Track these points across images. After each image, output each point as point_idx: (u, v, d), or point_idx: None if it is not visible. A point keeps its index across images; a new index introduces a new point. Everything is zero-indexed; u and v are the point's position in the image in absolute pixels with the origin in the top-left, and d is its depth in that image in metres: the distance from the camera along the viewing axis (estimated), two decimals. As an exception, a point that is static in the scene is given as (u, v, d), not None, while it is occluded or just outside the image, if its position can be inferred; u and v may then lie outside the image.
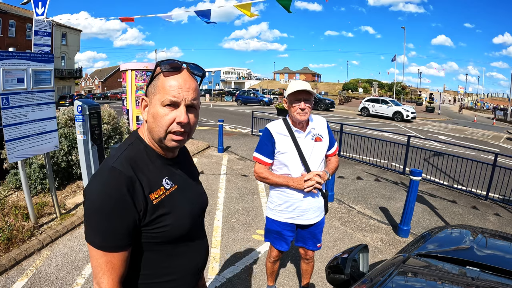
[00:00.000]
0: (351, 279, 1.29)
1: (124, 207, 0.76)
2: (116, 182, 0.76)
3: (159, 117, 0.81)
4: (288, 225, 1.98)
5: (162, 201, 0.83)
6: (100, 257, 0.77)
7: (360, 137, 7.16)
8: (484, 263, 1.26)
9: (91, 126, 4.15)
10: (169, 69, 0.82)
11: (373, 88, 46.12)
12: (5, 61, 2.85)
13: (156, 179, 0.85)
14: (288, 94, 1.83)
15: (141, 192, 0.79)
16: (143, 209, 0.79)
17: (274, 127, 1.92)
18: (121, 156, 0.83)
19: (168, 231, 0.84)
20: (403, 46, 55.71)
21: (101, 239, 0.76)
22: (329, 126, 2.03)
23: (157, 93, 0.82)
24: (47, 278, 2.63)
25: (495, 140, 14.37)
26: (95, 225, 0.76)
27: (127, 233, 0.77)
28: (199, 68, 0.89)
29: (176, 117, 0.81)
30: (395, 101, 22.40)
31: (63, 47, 31.30)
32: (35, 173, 4.30)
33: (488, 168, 5.18)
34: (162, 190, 0.85)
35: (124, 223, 0.76)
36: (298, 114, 1.79)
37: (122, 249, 0.78)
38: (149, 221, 0.81)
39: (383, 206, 4.61)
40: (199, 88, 0.89)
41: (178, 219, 0.86)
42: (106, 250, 0.76)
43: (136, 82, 6.97)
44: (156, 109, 0.82)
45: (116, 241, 0.77)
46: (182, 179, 0.94)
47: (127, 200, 0.76)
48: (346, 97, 38.14)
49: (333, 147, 2.00)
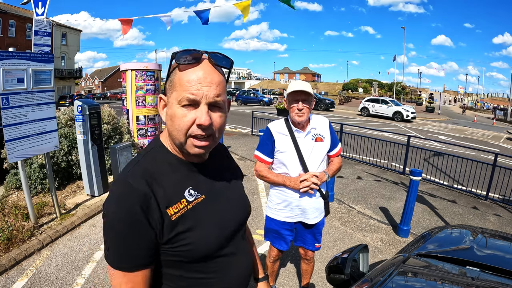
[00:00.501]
0: (351, 279, 1.29)
1: (138, 228, 0.68)
2: (129, 200, 0.68)
3: (176, 119, 0.70)
4: (287, 224, 1.99)
5: (183, 216, 0.72)
6: (119, 278, 0.70)
7: (360, 137, 7.16)
8: (484, 263, 1.26)
9: (91, 126, 4.15)
10: (186, 60, 0.69)
11: (373, 88, 46.13)
12: (5, 61, 2.85)
13: (177, 191, 0.74)
14: (287, 94, 1.84)
15: (157, 208, 0.69)
16: (160, 225, 0.70)
17: (274, 126, 1.94)
18: (136, 167, 0.74)
19: (192, 250, 0.73)
20: (403, 46, 55.69)
21: (119, 259, 0.69)
22: (332, 126, 2.01)
23: (174, 90, 0.71)
24: (47, 278, 2.63)
25: (495, 140, 14.37)
26: (112, 245, 0.70)
27: (146, 252, 0.70)
28: (224, 57, 0.74)
29: (196, 118, 0.69)
30: (395, 101, 22.40)
31: (63, 47, 31.30)
32: (35, 173, 4.30)
33: (488, 168, 5.18)
34: (183, 203, 0.74)
35: (141, 243, 0.69)
36: (296, 115, 1.80)
37: (142, 268, 0.71)
38: (169, 239, 0.71)
39: (383, 206, 4.61)
40: (225, 82, 0.75)
41: (204, 235, 0.75)
42: (125, 271, 0.69)
43: (136, 82, 6.98)
44: (174, 109, 0.71)
45: (135, 261, 0.70)
46: (211, 187, 0.81)
47: (140, 220, 0.67)
48: (346, 97, 38.15)
49: (335, 148, 1.98)
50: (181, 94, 0.69)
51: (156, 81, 7.28)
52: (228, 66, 0.76)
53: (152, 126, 7.31)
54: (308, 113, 1.81)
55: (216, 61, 0.72)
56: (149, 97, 7.15)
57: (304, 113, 1.79)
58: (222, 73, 0.74)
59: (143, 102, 7.11)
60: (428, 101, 34.39)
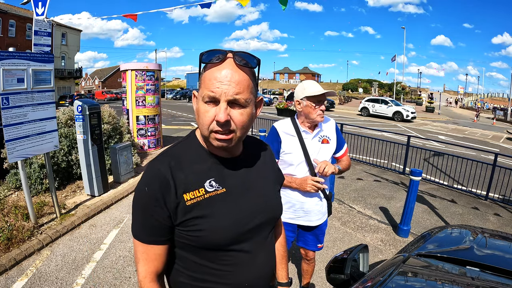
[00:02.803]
0: (351, 279, 1.29)
1: (154, 204, 0.76)
2: (151, 179, 0.78)
3: (201, 114, 0.76)
4: (289, 225, 1.98)
5: (198, 203, 0.78)
6: (137, 246, 0.81)
7: (360, 137, 7.16)
8: (484, 263, 1.26)
9: (91, 126, 4.15)
10: (211, 60, 0.74)
11: (373, 88, 46.15)
12: (5, 61, 2.85)
13: (198, 179, 0.80)
14: (308, 97, 1.78)
15: (174, 191, 0.76)
16: (174, 208, 0.77)
17: (281, 126, 1.89)
18: (166, 153, 0.83)
19: (203, 237, 0.78)
20: (403, 46, 55.73)
21: (137, 229, 0.81)
22: (338, 127, 1.99)
23: (200, 87, 0.77)
24: (47, 278, 2.63)
25: (495, 140, 14.37)
26: (134, 215, 0.81)
27: (159, 229, 0.78)
28: (250, 56, 0.77)
29: (215, 115, 0.74)
30: (395, 101, 22.40)
31: (63, 47, 31.29)
32: (35, 173, 4.30)
33: (488, 168, 5.18)
34: (201, 191, 0.79)
35: (154, 219, 0.77)
36: (318, 116, 1.79)
37: (155, 243, 0.79)
38: (182, 222, 0.77)
39: (383, 206, 4.61)
40: (252, 81, 0.77)
41: (216, 226, 0.78)
42: (140, 241, 0.80)
43: (136, 82, 6.97)
44: (199, 105, 0.77)
45: (149, 235, 0.79)
46: (236, 183, 0.84)
47: (157, 197, 0.76)
48: (346, 97, 38.17)
49: (342, 149, 1.97)
50: (204, 91, 0.74)
51: (156, 81, 7.27)
52: (255, 65, 0.78)
53: (152, 126, 7.31)
54: None
55: (239, 61, 0.74)
56: (149, 97, 7.15)
57: (323, 115, 1.82)
58: (246, 72, 0.76)
59: (143, 102, 7.11)
60: (428, 101, 34.27)
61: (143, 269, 0.81)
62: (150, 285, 0.81)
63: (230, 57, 0.75)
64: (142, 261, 0.81)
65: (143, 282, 0.81)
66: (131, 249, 3.14)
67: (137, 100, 7.06)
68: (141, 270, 0.81)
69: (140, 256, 0.80)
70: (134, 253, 0.83)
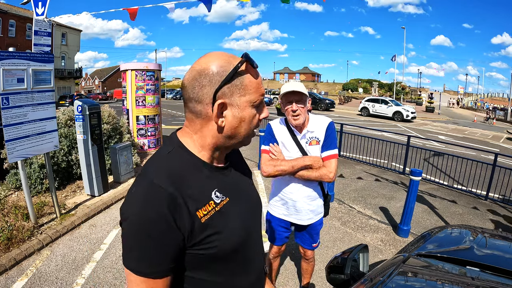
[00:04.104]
0: (351, 279, 1.29)
1: (166, 230, 0.64)
2: (156, 201, 0.65)
3: (249, 119, 0.74)
4: (282, 222, 2.01)
5: (211, 218, 0.71)
6: (138, 284, 0.66)
7: (360, 137, 7.16)
8: (484, 263, 1.26)
9: (91, 126, 4.15)
10: (255, 65, 0.74)
11: (373, 88, 46.17)
12: (5, 61, 2.86)
13: (204, 192, 0.73)
14: (280, 97, 1.80)
15: (186, 210, 0.67)
16: (189, 228, 0.67)
17: (275, 122, 1.95)
18: (161, 168, 0.71)
19: (220, 251, 0.72)
20: (403, 46, 55.74)
21: (141, 264, 0.65)
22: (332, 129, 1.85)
23: (247, 93, 0.72)
24: (47, 278, 2.63)
25: (495, 140, 14.37)
26: (134, 249, 0.66)
27: (170, 257, 0.67)
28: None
29: (261, 113, 0.77)
30: (395, 101, 22.40)
31: (63, 47, 31.29)
32: (35, 173, 4.30)
33: (488, 168, 5.18)
34: (211, 205, 0.72)
35: (166, 247, 0.65)
36: (292, 118, 1.74)
37: (165, 274, 0.67)
38: (197, 242, 0.69)
39: (383, 206, 4.61)
40: None
41: (229, 236, 0.74)
42: (146, 277, 0.65)
43: (136, 82, 6.97)
44: (247, 111, 0.73)
45: (158, 266, 0.66)
46: (234, 188, 0.82)
47: (168, 221, 0.64)
48: (346, 97, 38.16)
49: (325, 151, 1.79)
50: (254, 95, 0.73)
51: (156, 81, 7.27)
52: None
53: (152, 126, 7.31)
54: (304, 114, 1.73)
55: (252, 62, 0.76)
56: (149, 97, 7.15)
57: (299, 115, 1.72)
58: None
59: (143, 102, 7.11)
60: (428, 101, 34.18)
61: None
62: None
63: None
64: None
65: None
66: (131, 249, 3.13)
67: (137, 100, 7.06)
68: None
69: None
70: None
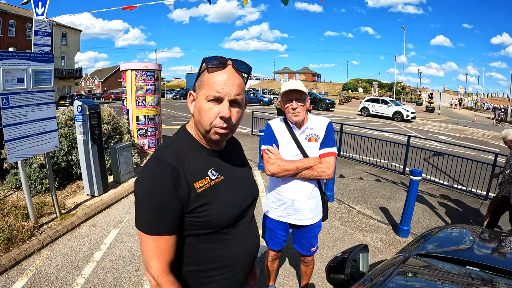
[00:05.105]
0: (351, 279, 1.29)
1: (168, 196, 0.81)
2: (162, 172, 0.82)
3: (204, 112, 0.86)
4: (281, 224, 1.99)
5: (206, 190, 0.87)
6: (148, 242, 0.82)
7: (360, 137, 7.16)
8: (484, 263, 1.26)
9: (91, 126, 4.15)
10: (214, 65, 0.85)
11: (373, 88, 46.11)
12: (5, 61, 2.85)
13: (202, 169, 0.89)
14: (281, 95, 1.83)
15: (185, 181, 0.83)
16: (186, 196, 0.83)
17: (274, 122, 1.96)
18: (168, 148, 0.89)
19: (211, 220, 0.87)
20: (402, 46, 55.76)
21: (149, 224, 0.82)
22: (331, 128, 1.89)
23: (202, 88, 0.86)
24: (47, 278, 2.63)
25: (495, 140, 14.37)
26: (144, 211, 0.83)
27: (172, 218, 0.83)
28: (244, 64, 0.91)
29: (219, 112, 0.85)
30: (395, 101, 22.39)
31: (63, 47, 31.28)
32: (35, 173, 4.30)
33: (488, 168, 5.18)
34: (207, 179, 0.89)
35: (169, 209, 0.82)
36: (292, 115, 1.79)
37: (169, 233, 0.83)
38: (193, 209, 0.85)
39: (383, 206, 4.61)
40: (244, 84, 0.92)
41: (222, 209, 0.89)
42: (154, 234, 0.82)
43: (136, 82, 6.97)
44: (201, 103, 0.86)
45: (162, 226, 0.82)
46: (229, 171, 0.97)
47: (171, 188, 0.81)
48: (346, 97, 38.12)
49: (323, 148, 1.82)
50: (209, 91, 0.85)
51: (156, 81, 7.26)
52: (247, 71, 0.92)
53: (152, 126, 7.31)
54: (303, 111, 1.79)
55: (238, 67, 0.88)
56: (149, 97, 7.14)
57: (299, 112, 1.77)
58: (242, 76, 0.91)
59: (143, 102, 7.10)
60: (428, 101, 34.10)
61: (157, 264, 0.82)
62: (167, 278, 0.83)
63: (230, 63, 0.87)
64: (155, 256, 0.82)
65: (160, 277, 0.82)
66: (131, 249, 3.14)
67: (137, 100, 7.06)
68: (155, 266, 0.82)
69: (152, 252, 0.82)
70: (142, 251, 0.84)
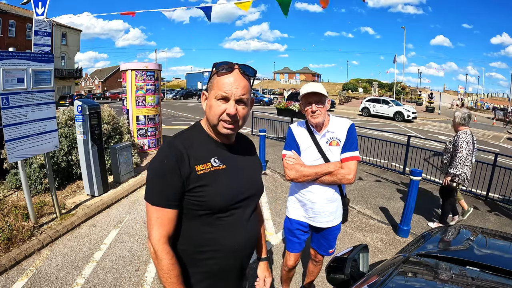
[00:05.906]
0: (351, 279, 1.29)
1: (173, 172, 0.95)
2: (169, 154, 0.97)
3: (213, 108, 1.00)
4: (301, 224, 1.98)
5: (206, 174, 0.99)
6: (152, 213, 0.96)
7: (360, 137, 7.15)
8: (484, 263, 1.26)
9: (91, 126, 4.15)
10: (222, 69, 0.99)
11: (373, 88, 46.13)
12: (5, 61, 2.85)
13: (206, 156, 1.02)
14: (300, 98, 1.82)
15: (188, 163, 0.97)
16: (187, 175, 0.96)
17: (295, 126, 1.96)
18: (179, 136, 1.05)
19: (206, 202, 0.98)
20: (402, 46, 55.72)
21: (154, 196, 0.97)
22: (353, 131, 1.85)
23: (213, 89, 1.01)
24: (47, 278, 2.63)
25: (495, 140, 14.37)
26: (152, 185, 0.99)
27: (174, 193, 0.96)
28: (250, 68, 1.04)
29: (226, 109, 0.98)
30: (396, 101, 22.39)
31: (63, 47, 31.28)
32: (35, 173, 4.30)
33: (488, 168, 5.18)
34: (208, 165, 1.01)
35: (172, 185, 0.95)
36: (312, 118, 1.79)
37: (170, 207, 0.96)
38: (192, 188, 0.97)
39: (383, 206, 4.61)
40: (250, 86, 1.05)
41: (218, 192, 1.00)
42: (157, 205, 0.96)
43: (136, 82, 6.97)
44: (212, 102, 1.01)
45: (165, 199, 0.96)
46: (233, 163, 1.08)
47: (175, 167, 0.95)
48: (346, 97, 38.13)
49: (345, 152, 1.80)
50: (217, 92, 0.99)
51: (156, 81, 7.26)
52: (253, 74, 1.05)
53: (152, 126, 7.31)
54: (323, 114, 1.78)
55: (244, 71, 1.01)
56: (149, 97, 7.14)
57: (319, 115, 1.76)
58: (247, 79, 1.03)
59: (143, 102, 7.10)
60: (428, 101, 34.06)
61: (157, 233, 0.95)
62: (163, 246, 0.96)
63: (237, 68, 1.00)
64: (156, 226, 0.96)
65: (157, 245, 0.95)
66: (131, 249, 3.14)
67: (137, 100, 7.05)
68: (154, 234, 0.95)
69: (155, 221, 0.96)
70: (147, 220, 0.98)
